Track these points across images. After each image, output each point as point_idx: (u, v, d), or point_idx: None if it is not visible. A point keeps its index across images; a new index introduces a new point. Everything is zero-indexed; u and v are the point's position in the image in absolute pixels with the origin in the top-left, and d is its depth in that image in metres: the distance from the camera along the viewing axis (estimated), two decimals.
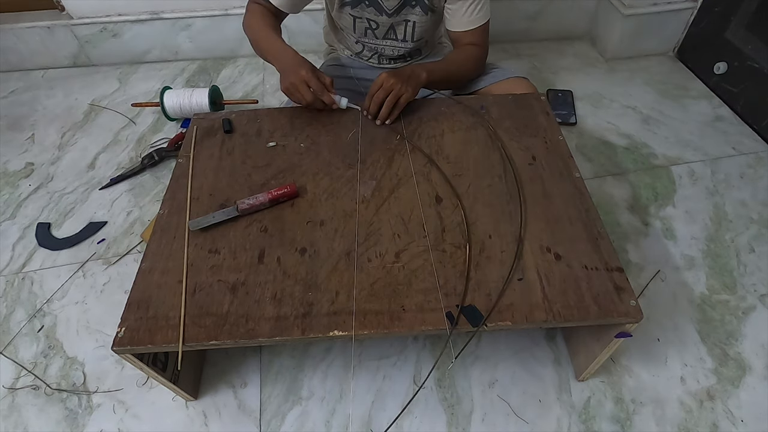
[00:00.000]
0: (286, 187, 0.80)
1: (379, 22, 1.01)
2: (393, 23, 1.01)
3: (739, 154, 1.30)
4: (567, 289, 0.68)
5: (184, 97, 1.37)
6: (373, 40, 1.06)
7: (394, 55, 1.09)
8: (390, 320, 0.65)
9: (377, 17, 0.99)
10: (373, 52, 1.10)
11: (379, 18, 0.99)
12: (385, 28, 1.03)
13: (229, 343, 0.65)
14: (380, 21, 1.00)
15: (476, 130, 0.92)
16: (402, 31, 1.03)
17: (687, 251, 1.08)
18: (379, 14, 0.99)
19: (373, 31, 1.03)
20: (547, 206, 0.78)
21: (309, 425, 0.85)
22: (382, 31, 1.03)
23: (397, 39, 1.05)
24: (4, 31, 1.58)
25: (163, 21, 1.60)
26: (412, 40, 1.05)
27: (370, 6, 0.98)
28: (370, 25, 1.02)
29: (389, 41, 1.06)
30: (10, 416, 0.88)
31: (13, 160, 1.37)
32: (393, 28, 1.03)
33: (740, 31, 1.40)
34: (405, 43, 1.06)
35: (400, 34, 1.04)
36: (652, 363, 0.91)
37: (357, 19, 1.02)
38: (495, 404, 0.87)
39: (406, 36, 1.04)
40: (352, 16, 1.01)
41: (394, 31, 1.03)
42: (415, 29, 1.02)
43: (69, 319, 1.01)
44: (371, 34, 1.04)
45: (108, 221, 1.19)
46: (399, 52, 1.08)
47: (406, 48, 1.07)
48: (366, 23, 1.02)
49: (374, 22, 1.01)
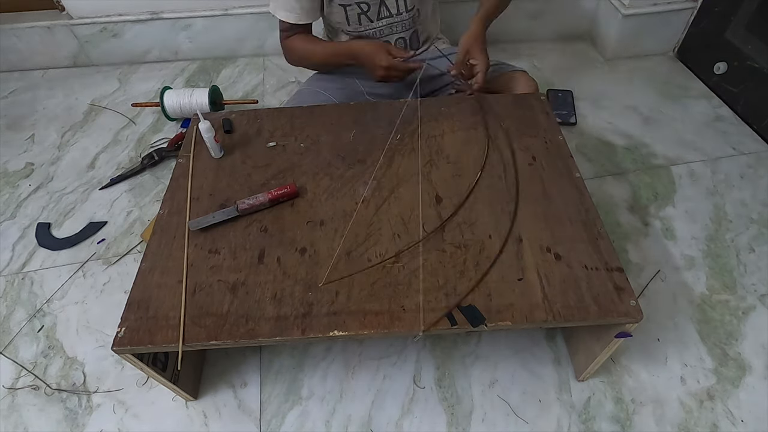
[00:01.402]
0: (286, 187, 0.80)
1: (369, 2, 1.02)
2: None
3: (739, 154, 1.30)
4: (567, 289, 0.68)
5: (184, 97, 1.37)
6: (368, 24, 1.06)
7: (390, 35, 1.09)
8: (390, 320, 0.65)
9: None
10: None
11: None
12: (377, 7, 1.03)
13: (229, 343, 0.65)
14: (370, 1, 1.01)
15: (476, 130, 0.92)
16: (393, 3, 1.04)
17: (687, 251, 1.08)
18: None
19: (366, 14, 1.04)
20: (547, 206, 0.78)
21: (309, 425, 0.85)
22: (374, 11, 1.04)
23: (391, 14, 1.05)
24: (4, 31, 1.58)
25: (163, 21, 1.60)
26: (406, 10, 1.05)
27: None
28: (361, 9, 1.03)
29: (384, 20, 1.06)
30: (10, 416, 0.88)
31: (13, 160, 1.37)
32: (384, 3, 1.03)
33: (740, 31, 1.40)
34: (400, 16, 1.06)
35: (392, 8, 1.04)
36: (652, 363, 0.91)
37: (348, 8, 1.03)
38: (495, 404, 0.87)
39: (399, 8, 1.04)
40: (341, 6, 1.02)
41: (386, 6, 1.04)
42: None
43: (69, 319, 1.01)
44: (365, 18, 1.05)
45: (108, 221, 1.19)
46: (397, 32, 1.08)
47: (402, 21, 1.07)
48: (357, 8, 1.03)
49: (365, 5, 1.02)
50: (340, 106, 0.99)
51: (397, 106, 0.97)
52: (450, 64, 0.99)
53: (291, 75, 1.61)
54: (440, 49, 1.06)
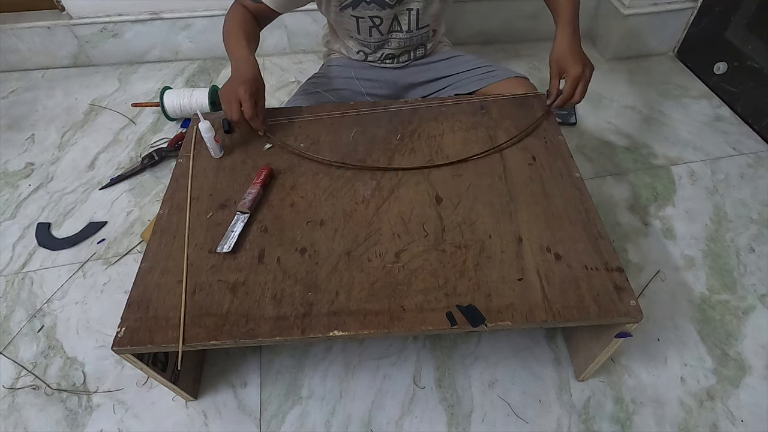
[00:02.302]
0: (262, 170, 0.83)
1: (383, 16, 1.00)
2: (396, 14, 1.01)
3: (739, 154, 1.30)
4: (567, 289, 0.68)
5: (184, 97, 1.37)
6: (377, 36, 1.05)
7: (398, 48, 1.09)
8: (390, 320, 0.65)
9: (380, 12, 0.99)
10: (374, 50, 1.10)
11: (381, 12, 0.99)
12: (389, 22, 1.02)
13: (229, 343, 0.65)
14: (383, 15, 1.00)
15: (476, 130, 0.92)
16: (406, 20, 1.03)
17: (687, 251, 1.08)
18: (381, 9, 0.98)
19: (378, 27, 1.03)
20: (547, 206, 0.78)
21: (309, 425, 0.85)
22: (386, 25, 1.03)
23: (402, 30, 1.05)
24: (4, 31, 1.58)
25: (163, 21, 1.60)
26: (417, 28, 1.04)
27: (371, 3, 0.97)
28: (374, 23, 1.02)
29: (394, 33, 1.05)
30: (10, 416, 0.88)
31: (13, 160, 1.37)
32: (396, 19, 1.02)
33: (740, 31, 1.40)
34: (410, 33, 1.05)
35: (404, 24, 1.03)
36: (652, 363, 0.91)
37: (360, 20, 1.01)
38: (495, 404, 0.87)
39: (410, 26, 1.04)
40: (354, 17, 1.01)
41: (398, 22, 1.03)
42: (419, 16, 1.02)
43: (69, 319, 1.01)
44: (375, 31, 1.04)
45: (108, 221, 1.19)
46: (403, 44, 1.08)
47: (411, 38, 1.06)
48: (369, 21, 1.01)
49: (378, 18, 1.01)
50: (340, 106, 0.99)
51: (397, 106, 0.97)
52: (545, 97, 0.95)
53: (291, 75, 1.61)
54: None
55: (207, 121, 0.85)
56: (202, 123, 0.84)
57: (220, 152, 0.88)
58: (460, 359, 0.92)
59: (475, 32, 1.67)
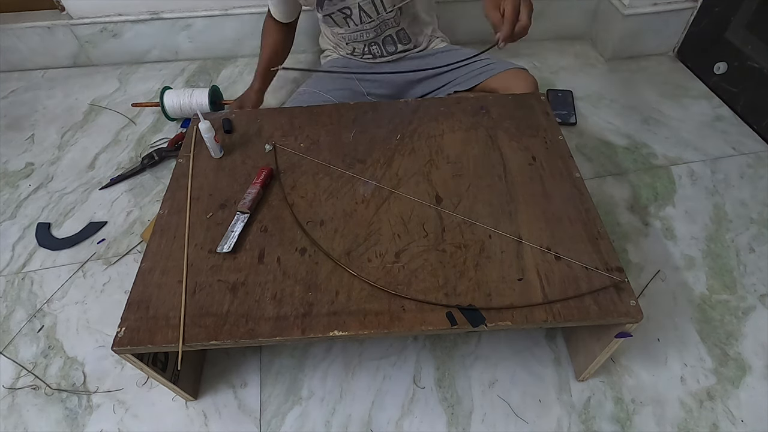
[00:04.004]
0: (262, 170, 0.83)
1: (351, 6, 1.04)
2: (359, 2, 1.04)
3: (739, 154, 1.30)
4: (567, 289, 0.68)
5: (184, 97, 1.36)
6: (355, 27, 1.08)
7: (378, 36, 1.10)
8: (390, 320, 0.65)
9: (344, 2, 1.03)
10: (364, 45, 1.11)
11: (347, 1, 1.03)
12: (357, 11, 1.05)
13: (229, 343, 0.65)
14: (350, 4, 1.04)
15: (476, 130, 0.92)
16: (371, 8, 1.05)
17: (687, 251, 1.08)
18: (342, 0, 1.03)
19: (350, 17, 1.07)
20: (547, 206, 0.78)
21: (309, 425, 0.85)
22: (356, 15, 1.06)
23: (372, 18, 1.07)
24: (4, 31, 1.58)
25: (163, 21, 1.60)
26: (385, 11, 1.06)
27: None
28: (344, 14, 1.06)
29: (368, 23, 1.08)
30: (10, 416, 0.88)
31: (13, 160, 1.37)
32: (362, 9, 1.05)
33: (740, 31, 1.40)
34: (381, 17, 1.07)
35: (371, 12, 1.06)
36: (652, 363, 0.91)
37: (333, 15, 1.06)
38: (495, 404, 0.87)
39: (378, 10, 1.05)
40: (328, 15, 1.05)
41: (365, 12, 1.06)
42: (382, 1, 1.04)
43: (69, 319, 1.01)
44: (351, 21, 1.07)
45: (108, 221, 1.19)
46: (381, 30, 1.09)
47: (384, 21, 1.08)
48: (340, 14, 1.06)
49: (347, 9, 1.05)
50: (340, 106, 0.99)
51: (397, 106, 0.97)
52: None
53: (291, 75, 1.61)
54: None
55: (207, 121, 0.85)
56: (202, 123, 0.84)
57: (220, 152, 0.88)
58: (461, 359, 0.92)
59: (475, 32, 1.67)
